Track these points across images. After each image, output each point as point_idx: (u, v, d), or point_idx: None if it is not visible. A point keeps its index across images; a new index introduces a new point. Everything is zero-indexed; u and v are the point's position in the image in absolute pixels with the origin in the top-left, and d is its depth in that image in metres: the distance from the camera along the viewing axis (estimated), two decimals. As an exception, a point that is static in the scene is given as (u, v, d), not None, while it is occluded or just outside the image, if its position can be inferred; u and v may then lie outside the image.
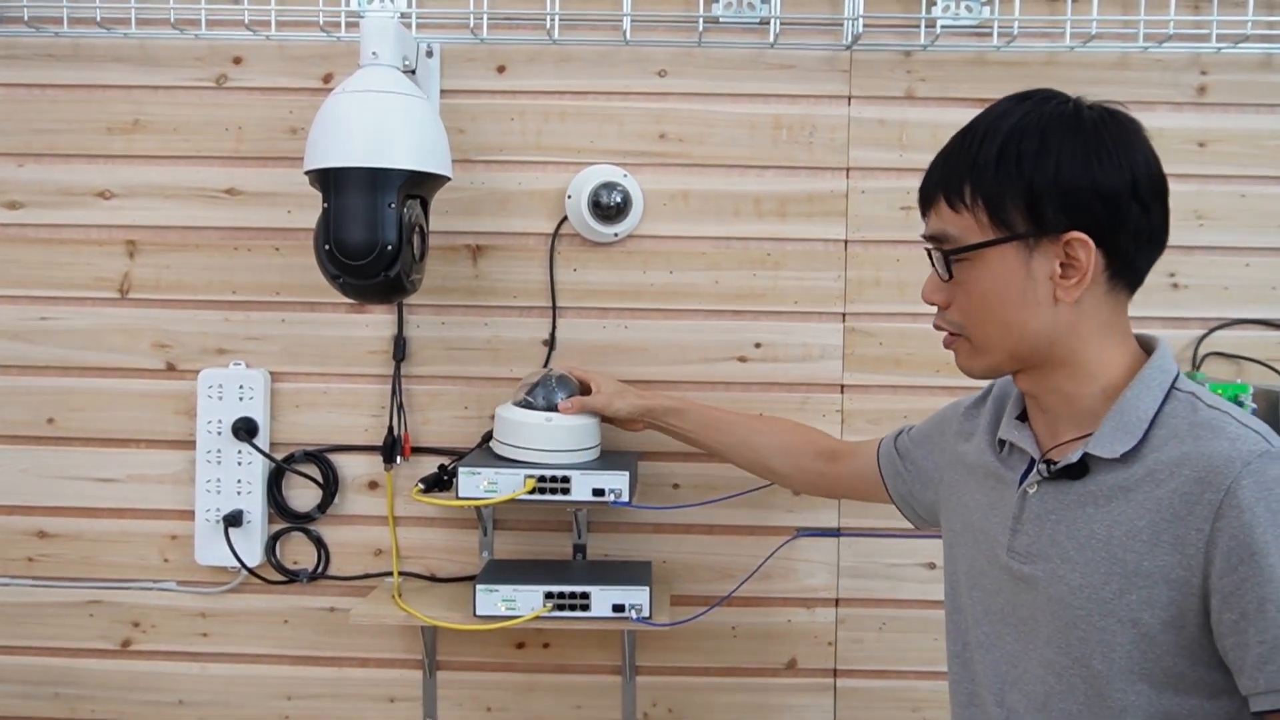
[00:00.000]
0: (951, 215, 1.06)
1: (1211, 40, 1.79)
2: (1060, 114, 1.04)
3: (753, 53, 1.83)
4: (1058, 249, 1.03)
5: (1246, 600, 0.92)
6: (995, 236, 1.04)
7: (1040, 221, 1.02)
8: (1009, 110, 1.05)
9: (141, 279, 1.86)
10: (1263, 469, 0.93)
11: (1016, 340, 1.06)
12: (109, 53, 1.85)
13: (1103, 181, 1.01)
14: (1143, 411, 1.02)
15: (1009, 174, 1.02)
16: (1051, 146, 1.02)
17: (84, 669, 1.89)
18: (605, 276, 1.85)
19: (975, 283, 1.06)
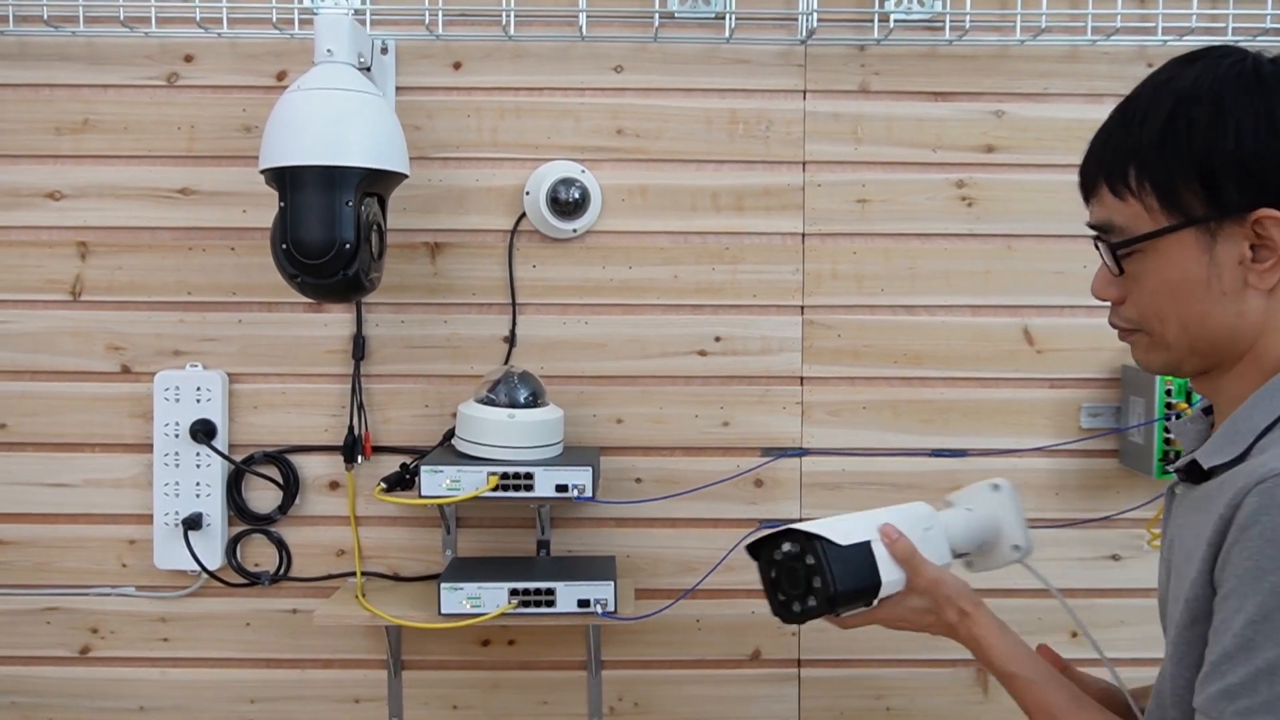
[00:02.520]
0: (1116, 203, 0.94)
1: (1157, 33, 1.82)
2: (1235, 74, 0.90)
3: (708, 48, 1.84)
4: (1245, 230, 0.89)
5: (1221, 613, 0.87)
6: (1168, 224, 0.91)
7: (1220, 202, 0.90)
8: (1175, 75, 0.93)
9: (94, 281, 1.84)
10: (1271, 490, 0.83)
11: (1197, 335, 0.94)
12: (57, 51, 1.82)
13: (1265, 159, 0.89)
14: (1254, 422, 0.92)
15: (1178, 151, 0.90)
16: (1228, 114, 0.89)
17: (42, 677, 1.86)
18: (564, 272, 1.85)
19: (1150, 276, 0.94)
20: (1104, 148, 0.96)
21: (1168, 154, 0.90)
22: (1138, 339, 0.99)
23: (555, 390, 1.82)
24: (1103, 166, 0.96)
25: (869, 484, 1.86)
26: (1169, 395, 1.75)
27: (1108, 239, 0.96)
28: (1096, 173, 0.96)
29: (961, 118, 1.84)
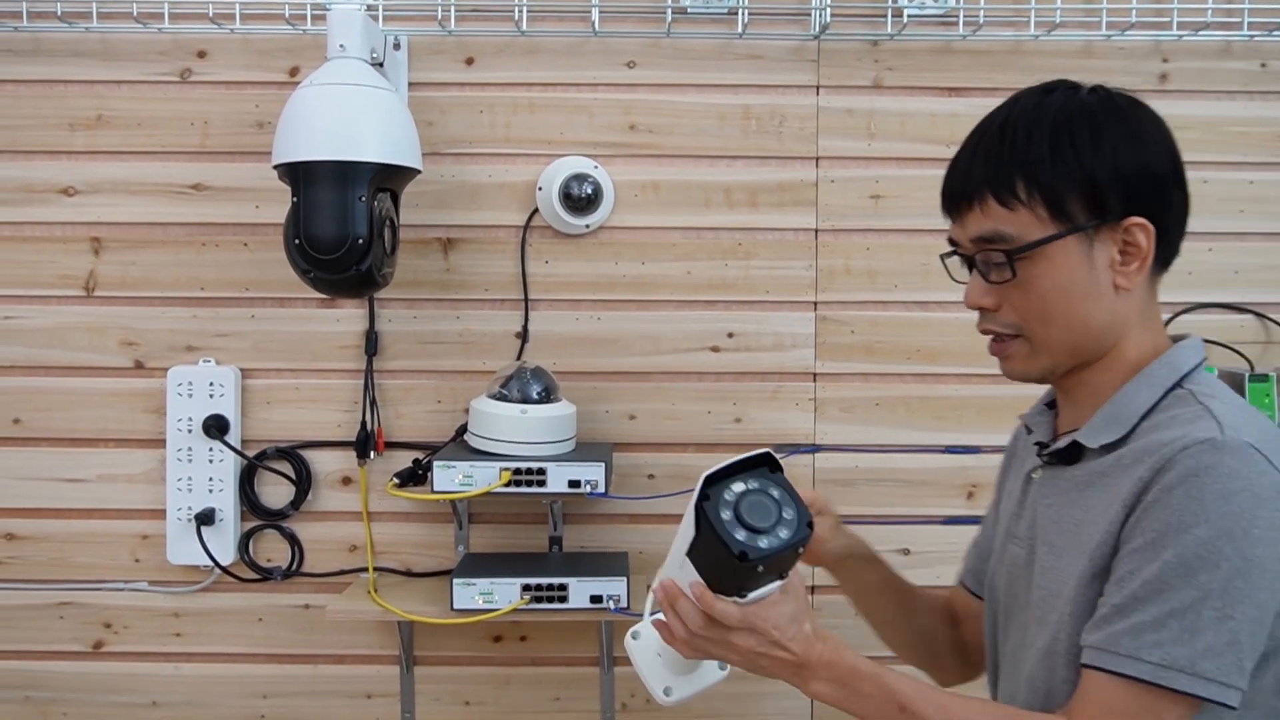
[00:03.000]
0: (1005, 214, 1.00)
1: (1172, 28, 1.81)
2: (1098, 102, 1.02)
3: (721, 43, 1.83)
4: (1116, 236, 1.00)
5: (1127, 565, 0.93)
6: (1057, 230, 0.99)
7: (1101, 210, 0.99)
8: (1041, 102, 1.02)
9: (107, 276, 1.84)
10: (1197, 455, 0.91)
11: (1080, 335, 1.02)
12: (70, 47, 1.82)
13: (1152, 165, 1.00)
14: (1136, 406, 1.01)
15: (1067, 165, 0.98)
16: (1104, 134, 0.99)
17: (55, 671, 1.87)
18: (577, 268, 1.85)
19: (1038, 280, 1.00)
20: (986, 163, 1.02)
21: (1057, 167, 0.98)
22: (1016, 348, 1.05)
23: (568, 386, 1.81)
24: (989, 180, 1.01)
25: (882, 480, 1.86)
26: (1184, 392, 1.74)
27: (997, 247, 1.01)
28: (980, 186, 1.01)
29: (975, 113, 1.78)
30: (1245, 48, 1.84)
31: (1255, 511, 0.89)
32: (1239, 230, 1.86)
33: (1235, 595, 0.89)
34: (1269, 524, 0.90)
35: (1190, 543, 0.89)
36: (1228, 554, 0.89)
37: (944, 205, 1.07)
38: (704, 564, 0.98)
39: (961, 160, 1.05)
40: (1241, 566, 0.89)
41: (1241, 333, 1.85)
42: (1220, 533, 0.89)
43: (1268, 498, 0.90)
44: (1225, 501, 0.89)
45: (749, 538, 0.93)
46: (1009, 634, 1.13)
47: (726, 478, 0.97)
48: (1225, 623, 0.89)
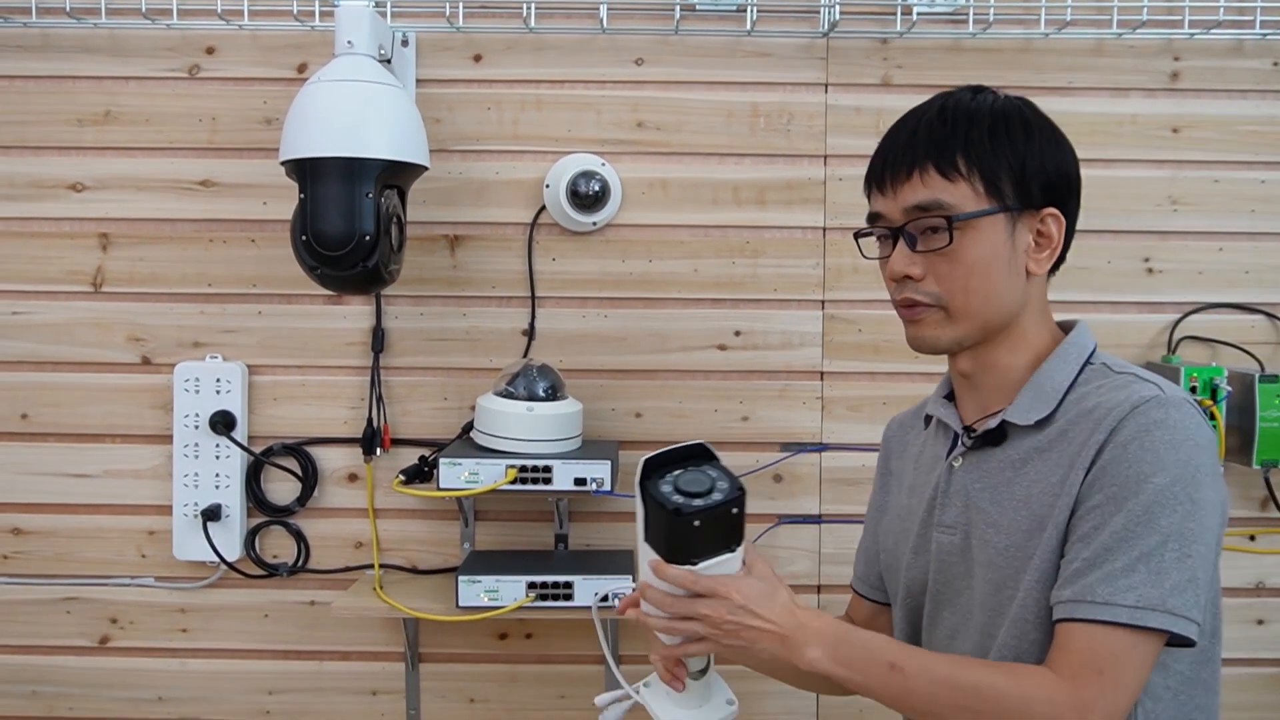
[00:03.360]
0: (945, 184, 1.06)
1: (1184, 26, 1.80)
2: (1024, 105, 1.11)
3: (729, 40, 1.83)
4: (1033, 223, 1.09)
5: (1091, 522, 0.99)
6: (990, 206, 1.06)
7: (1026, 196, 1.07)
8: (977, 98, 1.10)
9: (115, 272, 1.84)
10: (1147, 411, 0.99)
11: (994, 310, 1.09)
12: (79, 43, 1.82)
13: (1067, 167, 1.10)
14: (1058, 382, 1.08)
15: (1003, 149, 1.06)
16: (1034, 130, 1.09)
17: (62, 666, 1.87)
18: (584, 266, 1.84)
19: (968, 250, 1.07)
20: (929, 139, 1.08)
21: (996, 149, 1.06)
22: (930, 315, 1.10)
23: (574, 384, 1.81)
24: (931, 152, 1.07)
25: (889, 480, 1.85)
26: (1194, 392, 1.73)
27: (937, 214, 1.06)
28: (922, 157, 1.07)
29: None
30: (1257, 46, 1.83)
31: (1199, 458, 0.99)
32: (1250, 230, 1.85)
33: (1190, 535, 0.97)
34: (1209, 470, 1.00)
35: (1150, 490, 0.97)
36: (1181, 498, 0.97)
37: (873, 178, 1.12)
38: (654, 538, 1.07)
39: (899, 137, 1.10)
40: (1191, 509, 0.97)
41: (1252, 333, 1.84)
42: (1174, 479, 0.97)
43: (1205, 445, 1.00)
44: (1176, 450, 0.98)
45: (685, 501, 1.03)
46: (939, 620, 1.16)
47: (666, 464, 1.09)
48: (1185, 561, 0.96)
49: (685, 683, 1.20)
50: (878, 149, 1.13)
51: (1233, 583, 1.84)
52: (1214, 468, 1.01)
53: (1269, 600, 1.86)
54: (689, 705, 1.20)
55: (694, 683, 1.21)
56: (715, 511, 1.05)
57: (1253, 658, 1.86)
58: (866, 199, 1.14)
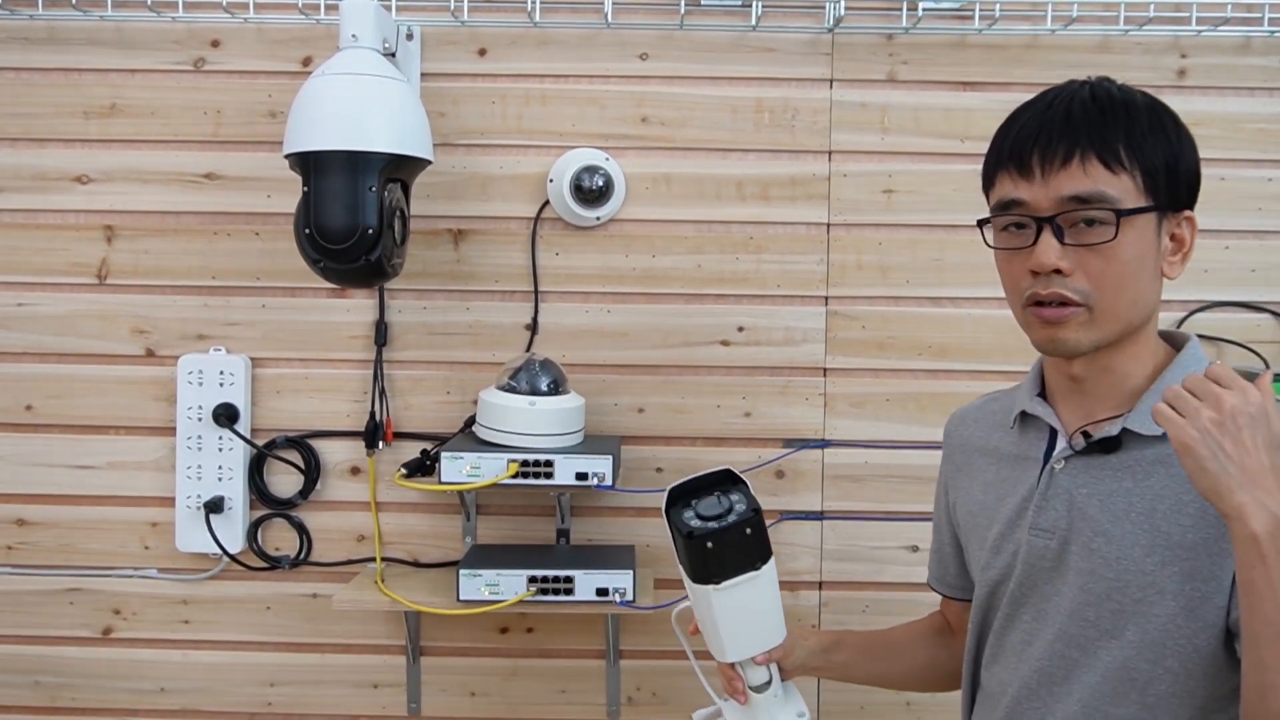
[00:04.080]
0: (1108, 175, 1.00)
1: (1191, 23, 1.79)
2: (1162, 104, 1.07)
3: (734, 35, 1.82)
4: (1173, 225, 1.05)
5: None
6: (1149, 203, 1.01)
7: (1176, 196, 1.03)
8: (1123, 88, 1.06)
9: (120, 264, 1.85)
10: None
11: (1137, 311, 1.04)
12: (85, 36, 1.83)
13: (1199, 168, 1.07)
14: None
15: (1163, 144, 1.02)
16: (1182, 129, 1.05)
17: (65, 657, 1.88)
18: (587, 260, 1.84)
19: (1127, 247, 1.01)
20: (1088, 124, 1.01)
21: (1156, 142, 1.02)
22: (1075, 315, 1.03)
23: (577, 379, 1.81)
24: (1092, 141, 1.00)
25: (891, 477, 1.85)
26: (1198, 391, 1.72)
27: (1102, 207, 1.00)
28: (1085, 145, 1.01)
29: (991, 108, 1.82)
30: (1265, 44, 1.82)
31: None
32: (1257, 229, 1.84)
33: None
34: None
35: None
36: None
37: (1015, 162, 1.04)
38: (682, 560, 1.16)
39: (1054, 120, 1.03)
40: None
41: (1258, 331, 1.84)
42: None
43: None
44: None
45: (700, 524, 1.12)
46: (1016, 622, 1.13)
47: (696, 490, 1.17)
48: None
49: (748, 696, 1.21)
50: (1015, 130, 1.06)
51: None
52: None
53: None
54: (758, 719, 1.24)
55: (758, 696, 1.23)
56: (728, 533, 1.11)
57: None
58: (989, 182, 1.09)
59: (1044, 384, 1.17)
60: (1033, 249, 1.03)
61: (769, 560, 1.16)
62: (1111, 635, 1.04)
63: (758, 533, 1.14)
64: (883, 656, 1.36)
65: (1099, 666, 1.04)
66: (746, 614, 1.19)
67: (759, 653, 1.22)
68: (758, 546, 1.15)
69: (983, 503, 1.19)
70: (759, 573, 1.15)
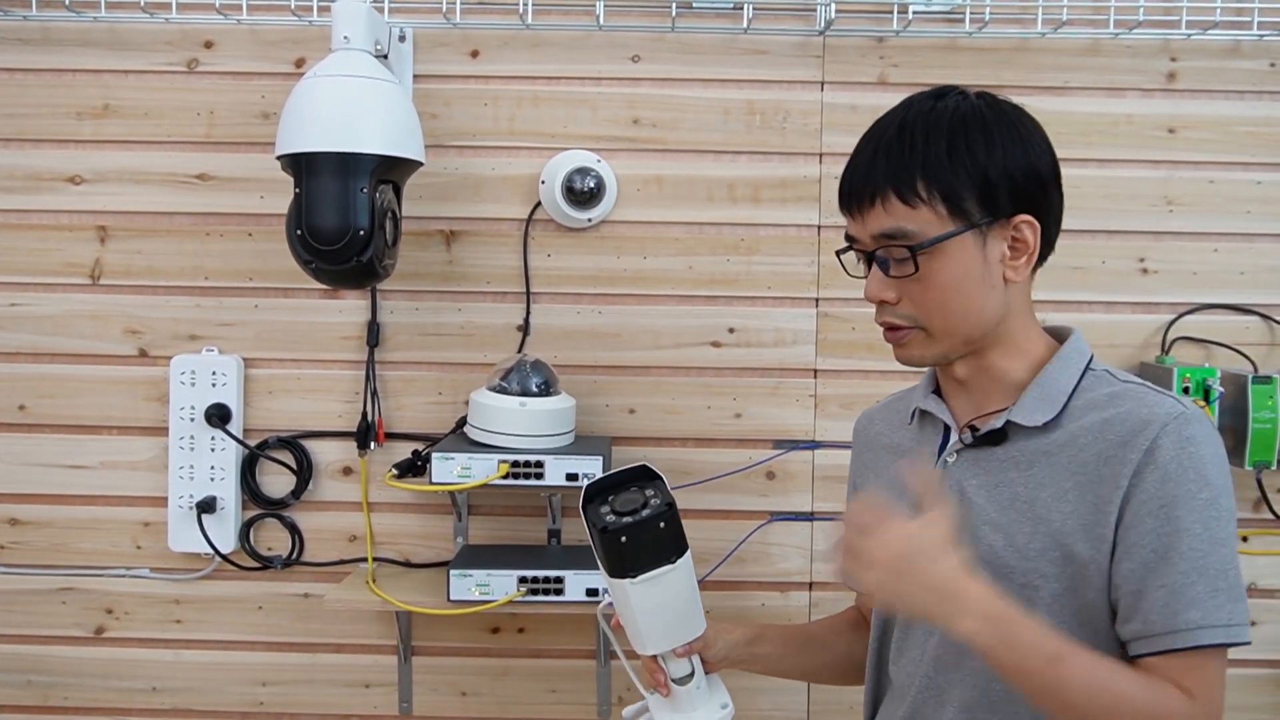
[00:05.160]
0: (906, 210, 1.05)
1: (1181, 26, 1.80)
2: (986, 106, 1.08)
3: (726, 38, 1.83)
4: (1006, 232, 1.07)
5: (1150, 548, 1.01)
6: (955, 228, 1.05)
7: (993, 208, 1.06)
8: (936, 108, 1.08)
9: (113, 265, 1.85)
10: (1179, 429, 1.01)
11: (974, 324, 1.09)
12: (78, 37, 1.83)
13: (1036, 165, 1.08)
14: (1063, 385, 1.09)
15: (963, 166, 1.05)
16: (995, 137, 1.06)
17: (57, 656, 1.88)
18: (579, 262, 1.85)
19: (937, 274, 1.06)
20: (887, 162, 1.06)
21: (955, 167, 1.05)
22: (912, 336, 1.10)
23: (568, 380, 1.82)
24: (890, 178, 1.06)
25: (881, 478, 1.85)
26: (1186, 393, 1.73)
27: (899, 243, 1.06)
28: (883, 184, 1.06)
29: None
30: (1254, 47, 1.83)
31: (1223, 466, 1.03)
32: (1245, 231, 1.84)
33: (1232, 542, 1.01)
34: (1229, 477, 1.03)
35: (1200, 508, 1.00)
36: (1224, 510, 1.01)
37: (842, 202, 1.12)
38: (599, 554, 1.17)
39: (861, 159, 1.09)
40: (1228, 518, 1.02)
41: (1246, 334, 1.84)
42: (1217, 492, 1.01)
43: (1223, 454, 1.04)
44: (1209, 464, 1.01)
45: (614, 520, 1.13)
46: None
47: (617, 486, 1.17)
48: (1238, 571, 1.01)
49: (670, 688, 1.23)
50: (845, 169, 1.12)
51: (1225, 584, 1.84)
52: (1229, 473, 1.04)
53: (1261, 601, 1.86)
54: (682, 710, 1.26)
55: (681, 689, 1.24)
56: (642, 527, 1.13)
57: (1245, 659, 1.86)
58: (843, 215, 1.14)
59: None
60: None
61: (685, 554, 1.18)
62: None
63: (672, 527, 1.15)
64: (803, 650, 1.38)
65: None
66: (664, 607, 1.20)
67: (679, 645, 1.23)
68: (672, 541, 1.16)
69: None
70: (675, 566, 1.16)
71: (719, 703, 1.28)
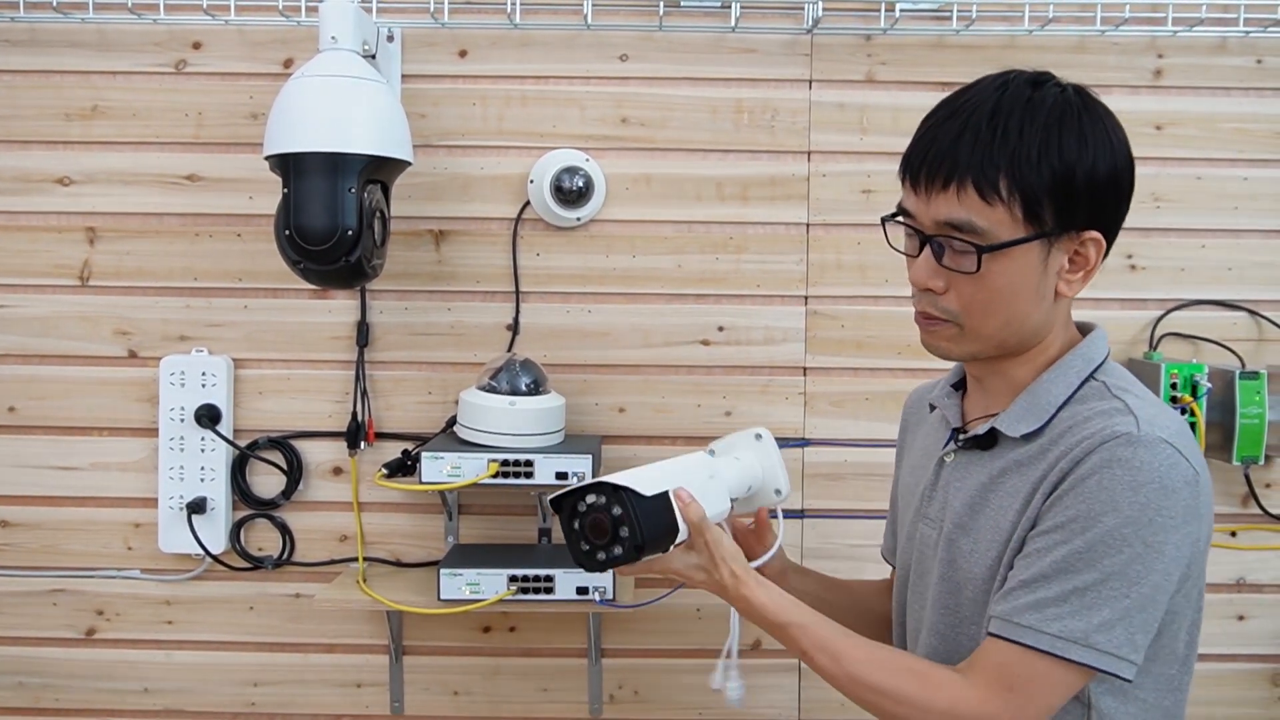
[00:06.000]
0: (982, 206, 0.98)
1: (1167, 23, 1.81)
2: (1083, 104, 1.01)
3: (714, 36, 1.83)
4: (1072, 245, 1.01)
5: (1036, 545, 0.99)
6: (1028, 234, 0.99)
7: (1068, 219, 0.99)
8: (1034, 97, 0.99)
9: (102, 266, 1.85)
10: (1113, 449, 0.96)
11: (1013, 332, 1.04)
12: (66, 38, 1.83)
13: (1120, 172, 1.01)
14: (1054, 396, 1.04)
15: (1052, 169, 0.97)
16: (1088, 139, 0.99)
17: (48, 658, 1.88)
18: (568, 261, 1.85)
19: (995, 277, 1.00)
20: (974, 149, 0.98)
21: (1041, 169, 0.97)
22: (945, 329, 1.05)
23: (558, 379, 1.82)
24: (975, 168, 0.98)
25: (871, 475, 1.86)
26: (1174, 389, 1.73)
27: (968, 238, 0.99)
28: (964, 171, 0.98)
29: None
30: (1240, 43, 1.83)
31: (1161, 502, 0.95)
32: (1233, 227, 1.85)
33: (1133, 577, 0.95)
34: (1172, 513, 0.95)
35: (1099, 531, 0.95)
36: (1131, 540, 0.95)
37: (910, 175, 1.04)
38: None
39: (944, 137, 1.00)
40: (1142, 551, 0.95)
41: (1234, 330, 1.85)
42: (1126, 521, 0.95)
43: (1176, 488, 0.95)
44: (1134, 493, 0.95)
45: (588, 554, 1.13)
46: (911, 608, 1.17)
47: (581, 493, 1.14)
48: (1121, 601, 0.95)
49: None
50: (919, 137, 1.03)
51: (1214, 579, 1.84)
52: (1185, 509, 0.96)
53: (1250, 596, 1.87)
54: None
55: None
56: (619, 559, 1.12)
57: (1234, 653, 1.87)
58: (900, 183, 1.06)
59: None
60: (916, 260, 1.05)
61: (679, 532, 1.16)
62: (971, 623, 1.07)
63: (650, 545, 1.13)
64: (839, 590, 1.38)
65: (959, 655, 1.07)
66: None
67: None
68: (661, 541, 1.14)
69: (907, 485, 1.23)
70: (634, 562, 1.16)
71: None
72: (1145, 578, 0.95)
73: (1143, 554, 0.95)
